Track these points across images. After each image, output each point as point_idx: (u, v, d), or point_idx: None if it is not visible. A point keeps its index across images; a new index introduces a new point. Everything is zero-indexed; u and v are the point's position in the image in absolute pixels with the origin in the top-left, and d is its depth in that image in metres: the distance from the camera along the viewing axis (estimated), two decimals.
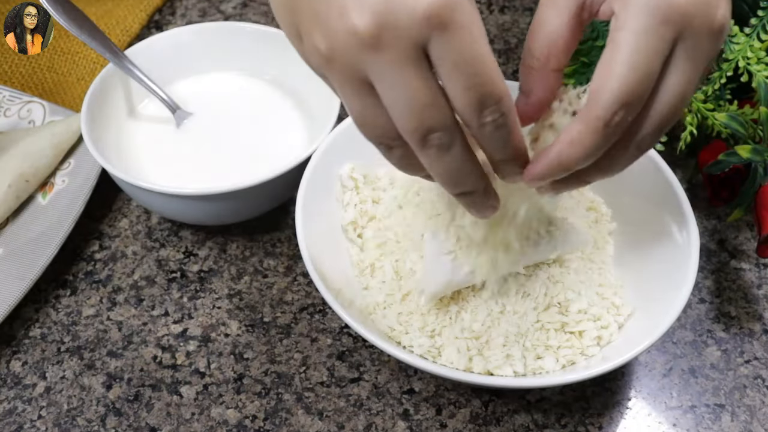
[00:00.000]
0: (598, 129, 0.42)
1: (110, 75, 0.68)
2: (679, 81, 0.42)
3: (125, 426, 0.57)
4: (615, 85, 0.41)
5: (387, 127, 0.42)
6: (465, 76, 0.40)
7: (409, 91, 0.40)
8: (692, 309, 0.64)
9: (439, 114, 0.40)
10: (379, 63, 0.39)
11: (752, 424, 0.58)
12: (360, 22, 0.38)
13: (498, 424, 0.58)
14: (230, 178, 0.62)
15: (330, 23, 0.39)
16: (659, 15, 0.41)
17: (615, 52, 0.41)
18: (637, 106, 0.42)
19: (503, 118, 0.41)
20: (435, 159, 0.42)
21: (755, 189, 0.62)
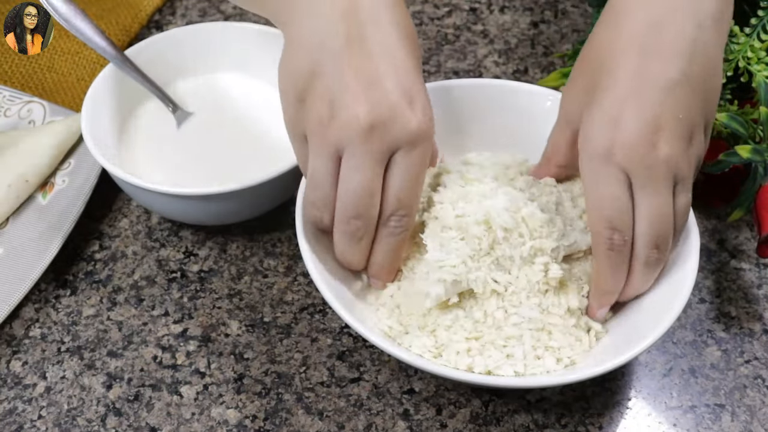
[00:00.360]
0: (607, 253, 0.53)
1: (110, 75, 0.68)
2: (647, 207, 0.52)
3: (125, 426, 0.57)
4: (598, 217, 0.53)
5: (327, 195, 0.53)
6: (401, 183, 0.52)
7: (365, 178, 0.51)
8: (692, 309, 0.64)
9: (370, 208, 0.52)
10: (358, 147, 0.51)
11: (752, 424, 0.58)
12: (363, 115, 0.50)
13: (498, 424, 0.58)
14: (230, 178, 0.61)
15: (340, 103, 0.51)
16: (600, 161, 0.52)
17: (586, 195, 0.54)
18: (625, 228, 0.53)
19: (400, 230, 0.54)
20: (345, 239, 0.54)
21: (755, 189, 0.62)
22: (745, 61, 0.65)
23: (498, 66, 0.80)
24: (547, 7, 0.86)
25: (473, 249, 0.54)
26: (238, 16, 0.84)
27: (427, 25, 0.84)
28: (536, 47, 0.82)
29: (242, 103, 0.71)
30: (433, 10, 0.86)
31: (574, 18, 0.84)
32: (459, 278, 0.54)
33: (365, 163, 0.51)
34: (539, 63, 0.80)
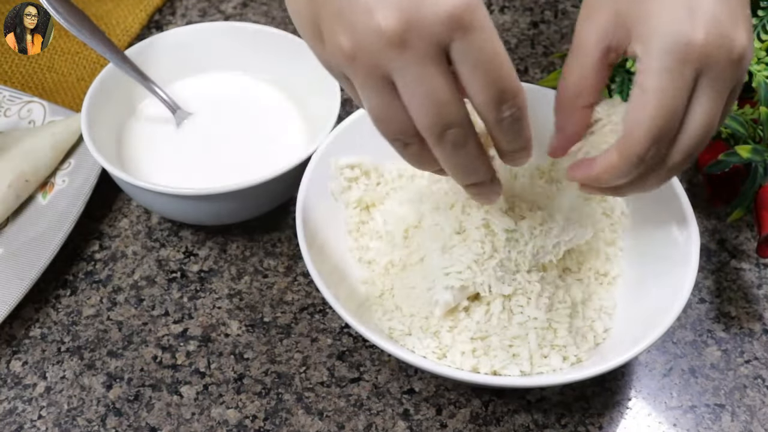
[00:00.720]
0: (632, 162, 0.46)
1: (110, 75, 0.68)
2: (705, 111, 0.46)
3: (125, 426, 0.57)
4: (646, 125, 0.45)
5: (404, 124, 0.44)
6: (485, 74, 0.42)
7: (430, 88, 0.42)
8: (692, 309, 0.64)
9: (456, 111, 0.43)
10: (402, 61, 0.41)
11: (752, 424, 0.58)
12: (385, 21, 0.40)
13: (498, 424, 0.58)
14: (230, 178, 0.62)
15: (355, 22, 0.41)
16: (679, 56, 0.44)
17: (643, 94, 0.45)
18: (667, 140, 0.46)
19: (519, 112, 0.44)
20: (450, 154, 0.44)
21: (755, 189, 0.63)
22: None
23: None
24: (547, 7, 0.86)
25: (476, 253, 0.54)
26: (238, 16, 0.84)
27: None
28: (536, 47, 0.82)
29: (242, 103, 0.71)
30: None
31: (574, 18, 0.84)
32: (466, 283, 0.54)
33: (421, 71, 0.42)
34: (539, 63, 0.81)
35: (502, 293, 0.55)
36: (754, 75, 0.65)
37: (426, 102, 0.42)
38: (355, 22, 0.41)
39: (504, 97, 0.43)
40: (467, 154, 0.45)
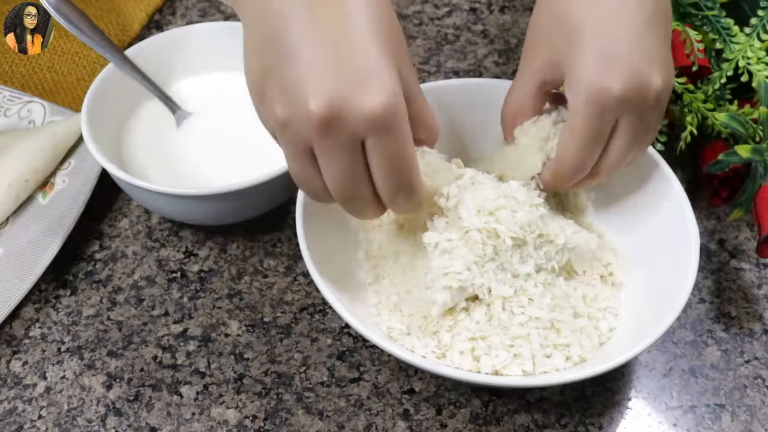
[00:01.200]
0: (565, 179, 0.57)
1: (110, 75, 0.68)
2: (621, 145, 0.55)
3: (125, 426, 0.57)
4: (570, 159, 0.55)
5: (317, 185, 0.50)
6: (390, 171, 0.49)
7: (341, 168, 0.48)
8: (692, 309, 0.64)
9: (359, 189, 0.50)
10: (323, 142, 0.47)
11: (752, 424, 0.58)
12: (316, 107, 0.45)
13: (498, 424, 0.58)
14: (230, 178, 0.62)
15: (291, 99, 0.46)
16: (599, 106, 0.52)
17: (570, 132, 0.54)
18: (588, 167, 0.56)
19: (411, 200, 0.51)
20: (354, 211, 0.52)
21: (755, 189, 0.62)
22: (745, 60, 0.65)
23: (498, 66, 0.80)
24: None
25: (477, 255, 0.54)
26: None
27: (427, 25, 0.84)
28: None
29: (242, 103, 0.71)
30: (433, 10, 0.86)
31: None
32: (464, 284, 0.54)
33: (335, 156, 0.47)
34: None
35: (503, 295, 0.55)
36: (754, 75, 0.65)
37: (336, 178, 0.49)
38: (292, 99, 0.46)
39: (399, 191, 0.50)
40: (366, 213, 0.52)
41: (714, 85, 0.66)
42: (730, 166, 0.63)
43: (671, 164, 0.61)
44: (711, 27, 0.67)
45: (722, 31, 0.67)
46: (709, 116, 0.66)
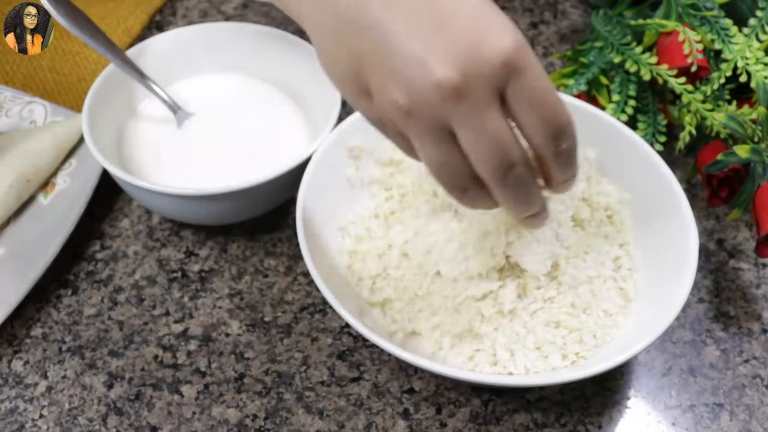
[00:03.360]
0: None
1: (111, 75, 0.68)
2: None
3: (126, 425, 0.58)
4: None
5: (465, 171, 0.44)
6: (541, 112, 0.43)
7: (491, 133, 0.42)
8: (691, 308, 0.64)
9: (517, 151, 0.43)
10: (462, 111, 0.41)
11: (751, 424, 0.58)
12: (443, 75, 0.40)
13: (498, 423, 0.58)
14: (231, 178, 0.62)
15: (410, 76, 0.41)
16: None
17: None
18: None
19: (574, 143, 0.45)
20: (512, 193, 0.45)
21: (754, 189, 0.63)
22: (744, 61, 0.65)
23: None
24: (547, 8, 0.86)
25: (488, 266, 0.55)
26: (239, 17, 0.84)
27: None
28: (536, 48, 0.82)
29: (242, 103, 0.72)
30: None
31: (573, 19, 0.85)
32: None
33: (480, 119, 0.42)
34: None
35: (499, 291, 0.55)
36: (752, 75, 0.65)
37: (490, 147, 0.42)
38: (410, 76, 0.41)
39: (560, 132, 0.44)
40: (528, 191, 0.46)
41: (713, 86, 0.66)
42: (728, 166, 0.63)
43: (670, 164, 0.61)
44: (709, 27, 0.67)
45: (721, 31, 0.67)
46: (707, 116, 0.66)
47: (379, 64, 0.42)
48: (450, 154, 0.43)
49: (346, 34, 0.43)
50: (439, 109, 0.41)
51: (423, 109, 0.42)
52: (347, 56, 0.43)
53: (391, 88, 0.42)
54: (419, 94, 0.41)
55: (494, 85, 0.41)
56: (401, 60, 0.41)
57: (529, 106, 0.42)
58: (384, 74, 0.42)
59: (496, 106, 0.42)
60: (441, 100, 0.41)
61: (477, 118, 0.42)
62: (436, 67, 0.40)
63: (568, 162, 0.46)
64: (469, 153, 0.43)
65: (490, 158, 0.43)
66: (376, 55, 0.42)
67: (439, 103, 0.41)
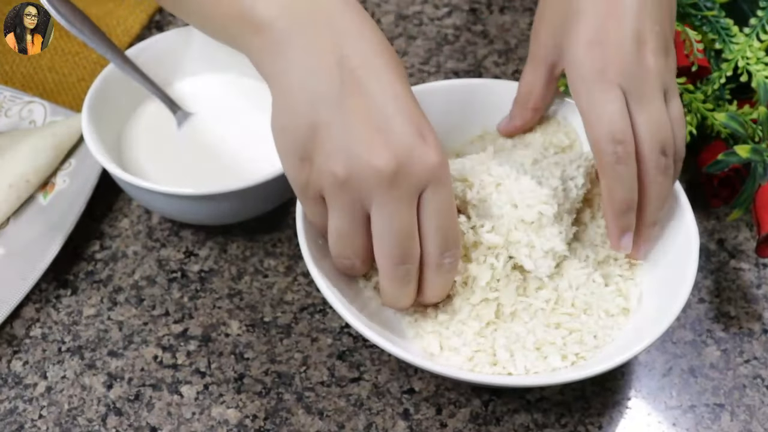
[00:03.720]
0: (615, 168, 0.54)
1: (111, 75, 0.68)
2: (646, 117, 0.54)
3: (126, 425, 0.57)
4: (600, 134, 0.54)
5: (360, 250, 0.52)
6: (441, 222, 0.50)
7: (403, 223, 0.49)
8: (692, 309, 0.64)
9: (414, 249, 0.51)
10: (387, 198, 0.48)
11: (752, 424, 0.58)
12: (384, 163, 0.48)
13: (498, 424, 0.58)
14: (230, 178, 0.62)
15: (356, 156, 0.48)
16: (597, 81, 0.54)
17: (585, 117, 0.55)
18: (628, 138, 0.53)
19: (455, 263, 0.53)
20: (396, 282, 0.52)
21: (755, 189, 0.63)
22: (745, 61, 0.65)
23: (498, 66, 0.81)
24: None
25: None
26: None
27: (427, 26, 0.84)
28: None
29: (242, 103, 0.71)
30: (433, 11, 0.86)
31: None
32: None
33: (399, 208, 0.49)
34: None
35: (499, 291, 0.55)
36: (753, 75, 0.65)
37: (397, 236, 0.50)
38: (356, 155, 0.48)
39: (449, 245, 0.51)
40: (408, 287, 0.53)
41: (713, 85, 0.66)
42: (729, 166, 0.63)
43: None
44: (710, 27, 0.67)
45: (721, 31, 0.67)
46: (708, 116, 0.66)
47: (331, 139, 0.49)
48: (356, 230, 0.51)
49: (313, 112, 0.49)
50: (370, 189, 0.48)
51: (356, 184, 0.49)
52: (305, 127, 0.49)
53: (335, 159, 0.49)
54: (359, 171, 0.48)
55: (418, 186, 0.49)
56: (352, 142, 0.48)
57: (434, 213, 0.50)
58: (333, 149, 0.49)
59: (413, 204, 0.49)
60: (374, 182, 0.48)
61: (396, 207, 0.49)
62: (380, 155, 0.48)
63: (445, 279, 0.53)
64: (376, 235, 0.50)
65: (393, 244, 0.50)
66: (330, 135, 0.49)
67: (372, 184, 0.48)
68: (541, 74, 0.60)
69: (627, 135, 0.53)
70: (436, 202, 0.50)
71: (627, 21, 0.54)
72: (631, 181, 0.54)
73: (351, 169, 0.48)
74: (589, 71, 0.54)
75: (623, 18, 0.54)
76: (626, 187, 0.54)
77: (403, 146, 0.48)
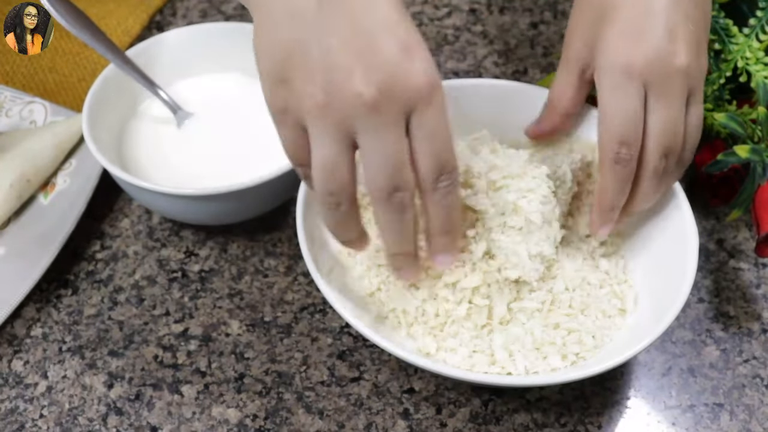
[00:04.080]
0: (611, 167, 0.54)
1: (111, 75, 0.68)
2: (660, 117, 0.54)
3: (126, 425, 0.58)
4: (607, 131, 0.54)
5: (346, 182, 0.48)
6: (433, 145, 0.47)
7: (391, 151, 0.46)
8: (691, 308, 0.64)
9: (407, 176, 0.47)
10: (371, 123, 0.46)
11: (751, 423, 0.58)
12: (365, 88, 0.45)
13: (498, 423, 0.58)
14: (231, 178, 0.62)
15: (336, 81, 0.45)
16: (622, 75, 0.53)
17: (600, 108, 0.55)
18: (634, 142, 0.54)
19: (453, 188, 0.49)
20: (392, 216, 0.49)
21: (754, 189, 0.63)
22: (744, 61, 0.65)
23: (498, 66, 0.81)
24: (547, 8, 0.86)
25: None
26: (239, 17, 0.84)
27: (427, 26, 0.84)
28: (536, 48, 0.82)
29: (242, 103, 0.72)
30: (433, 11, 0.86)
31: None
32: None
33: (385, 135, 0.46)
34: (539, 63, 0.81)
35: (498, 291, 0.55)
36: (752, 75, 0.65)
37: (386, 160, 0.47)
38: (336, 80, 0.45)
39: (443, 168, 0.48)
40: (407, 219, 0.49)
41: (713, 86, 0.66)
42: (728, 166, 0.63)
43: None
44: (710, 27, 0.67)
45: (721, 31, 0.67)
46: (707, 116, 0.66)
47: (310, 62, 0.46)
48: (341, 158, 0.47)
49: (291, 29, 0.47)
50: (352, 113, 0.45)
51: (338, 107, 0.45)
52: (283, 46, 0.47)
53: (314, 82, 0.46)
54: (339, 95, 0.45)
55: (404, 109, 0.46)
56: (331, 66, 0.45)
57: (425, 136, 0.47)
58: (312, 71, 0.46)
59: (400, 129, 0.46)
60: (357, 108, 0.45)
61: (382, 132, 0.46)
62: (360, 80, 0.45)
63: (445, 205, 0.49)
64: (365, 165, 0.47)
65: (384, 171, 0.47)
66: (309, 55, 0.46)
67: (355, 110, 0.45)
68: (572, 77, 0.58)
69: (635, 138, 0.53)
70: (426, 124, 0.47)
71: (661, 16, 0.53)
72: (624, 184, 0.55)
73: (331, 93, 0.45)
74: (615, 62, 0.54)
75: (658, 13, 0.53)
76: (618, 189, 0.55)
77: (385, 67, 0.45)
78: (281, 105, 0.48)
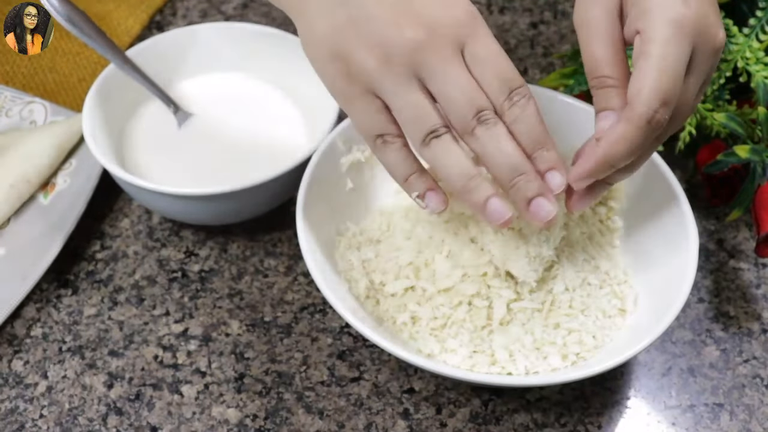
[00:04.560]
0: (641, 126, 0.48)
1: (112, 76, 0.68)
2: (692, 87, 0.50)
3: (126, 425, 0.58)
4: (654, 85, 0.48)
5: (436, 117, 0.50)
6: (493, 68, 0.50)
7: (458, 79, 0.49)
8: (691, 308, 0.64)
9: (483, 97, 0.50)
10: (432, 61, 0.49)
11: (751, 423, 0.58)
12: (413, 33, 0.48)
13: (498, 423, 0.58)
14: (231, 179, 0.62)
15: (386, 37, 0.49)
16: (678, 29, 0.48)
17: (648, 59, 0.48)
18: (672, 105, 0.49)
19: (529, 100, 0.50)
20: (488, 133, 0.50)
21: (754, 189, 0.63)
22: (744, 61, 0.65)
23: None
24: (547, 8, 0.86)
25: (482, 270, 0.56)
26: (239, 17, 0.84)
27: None
28: (536, 48, 0.82)
29: (242, 103, 0.72)
30: None
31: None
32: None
33: (448, 70, 0.49)
34: (539, 63, 0.81)
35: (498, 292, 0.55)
36: (752, 75, 0.65)
37: (459, 93, 0.49)
38: (386, 35, 0.49)
39: (510, 84, 0.50)
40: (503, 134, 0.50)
41: (713, 86, 0.66)
42: (728, 166, 0.63)
43: (670, 164, 0.61)
44: None
45: None
46: (707, 116, 0.66)
47: (358, 30, 0.49)
48: (423, 96, 0.50)
49: (329, 13, 0.50)
50: (412, 58, 0.49)
51: (398, 58, 0.49)
52: (326, 29, 0.50)
53: (368, 45, 0.49)
54: (394, 47, 0.49)
55: (456, 43, 0.49)
56: (377, 26, 0.49)
57: (482, 63, 0.49)
58: (362, 37, 0.49)
59: (458, 61, 0.49)
60: (413, 51, 0.48)
61: (445, 67, 0.49)
62: (406, 28, 0.48)
63: (526, 116, 0.50)
64: (440, 99, 0.50)
65: (462, 99, 0.49)
66: (356, 24, 0.49)
67: (412, 54, 0.48)
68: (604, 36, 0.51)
69: (674, 101, 0.49)
70: (480, 52, 0.50)
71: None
72: (642, 149, 0.49)
73: (387, 48, 0.49)
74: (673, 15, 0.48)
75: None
76: (632, 151, 0.49)
77: (424, 11, 0.49)
78: (344, 79, 0.51)
